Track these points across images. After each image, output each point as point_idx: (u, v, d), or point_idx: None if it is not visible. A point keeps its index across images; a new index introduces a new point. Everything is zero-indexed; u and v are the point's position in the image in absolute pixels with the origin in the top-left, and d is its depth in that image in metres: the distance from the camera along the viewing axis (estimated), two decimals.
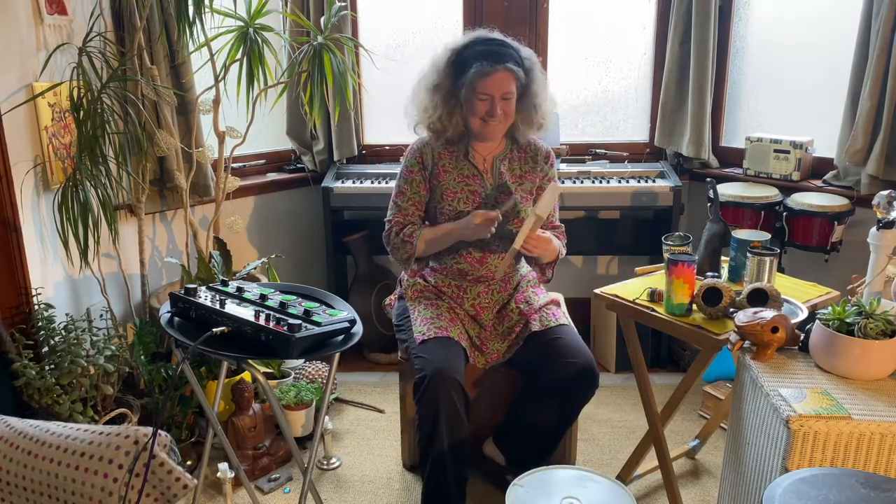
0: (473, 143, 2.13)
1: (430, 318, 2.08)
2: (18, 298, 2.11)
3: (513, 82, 2.00)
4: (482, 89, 1.98)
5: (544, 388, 2.04)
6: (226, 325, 1.59)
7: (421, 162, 2.13)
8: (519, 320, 2.12)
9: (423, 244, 2.11)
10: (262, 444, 2.43)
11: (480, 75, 1.97)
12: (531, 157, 2.17)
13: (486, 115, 2.01)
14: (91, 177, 2.20)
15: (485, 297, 2.16)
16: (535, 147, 2.19)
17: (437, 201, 2.13)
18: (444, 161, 2.13)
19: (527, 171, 2.16)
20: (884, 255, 1.87)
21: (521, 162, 2.16)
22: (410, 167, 2.15)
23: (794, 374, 1.51)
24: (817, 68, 2.90)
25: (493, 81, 1.97)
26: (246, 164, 3.21)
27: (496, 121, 2.02)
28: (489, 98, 1.99)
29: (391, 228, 2.16)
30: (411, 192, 2.15)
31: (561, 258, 2.20)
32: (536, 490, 1.71)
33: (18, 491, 1.45)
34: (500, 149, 2.16)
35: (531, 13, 3.17)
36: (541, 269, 2.22)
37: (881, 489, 1.13)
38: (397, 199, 2.17)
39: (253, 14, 2.44)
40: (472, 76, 1.98)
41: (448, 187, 2.11)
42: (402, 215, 2.16)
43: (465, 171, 2.12)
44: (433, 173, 2.13)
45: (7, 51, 2.08)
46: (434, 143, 2.14)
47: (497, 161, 2.14)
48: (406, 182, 2.15)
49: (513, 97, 2.02)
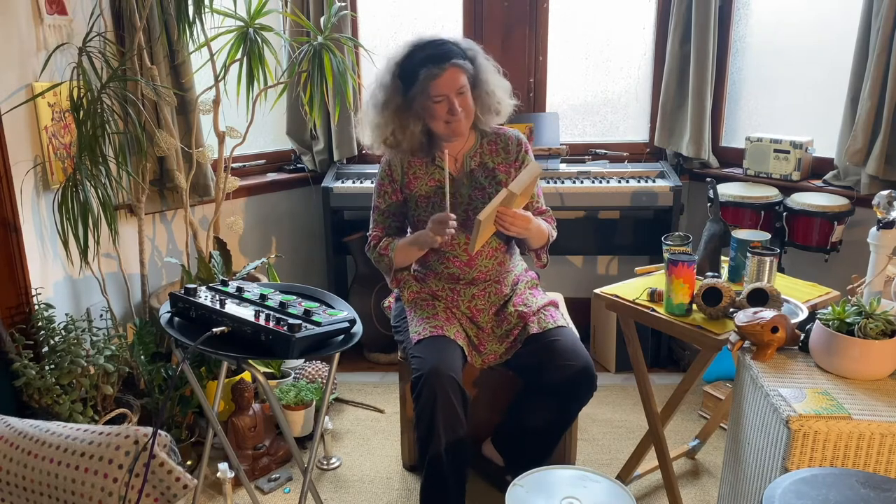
0: (442, 147, 2.11)
1: (426, 318, 2.08)
2: (18, 298, 2.11)
3: (463, 76, 1.99)
4: (436, 91, 1.97)
5: (542, 389, 2.03)
6: (226, 325, 1.59)
7: (390, 175, 2.15)
8: (517, 323, 2.11)
9: (397, 255, 2.12)
10: (262, 444, 2.43)
11: (430, 78, 1.96)
12: (502, 147, 2.15)
13: (449, 115, 2.00)
14: (91, 177, 2.20)
15: (480, 300, 2.15)
16: (504, 137, 2.16)
17: (413, 210, 2.14)
18: (415, 169, 2.13)
19: (499, 162, 2.14)
20: (884, 255, 1.87)
21: (493, 154, 2.14)
22: (381, 180, 2.16)
23: (794, 374, 1.51)
24: (817, 68, 2.90)
25: (444, 81, 1.97)
26: (246, 164, 3.21)
27: (458, 118, 2.00)
28: (445, 98, 1.98)
29: (370, 242, 2.20)
30: (385, 205, 2.17)
31: (552, 240, 2.19)
32: (536, 490, 1.71)
33: (18, 491, 1.45)
34: (469, 145, 2.14)
35: (531, 13, 3.17)
36: (535, 255, 2.21)
37: (881, 489, 1.13)
38: (374, 214, 2.20)
39: (253, 14, 2.44)
40: (422, 82, 1.97)
41: (420, 194, 2.12)
42: (379, 228, 2.19)
43: (437, 176, 2.12)
44: (403, 183, 2.14)
45: (7, 51, 2.08)
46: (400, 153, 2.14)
47: (467, 158, 2.13)
48: (379, 196, 2.18)
49: (467, 91, 2.01)
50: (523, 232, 1.99)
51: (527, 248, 2.20)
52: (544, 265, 2.23)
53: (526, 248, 2.19)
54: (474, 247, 1.94)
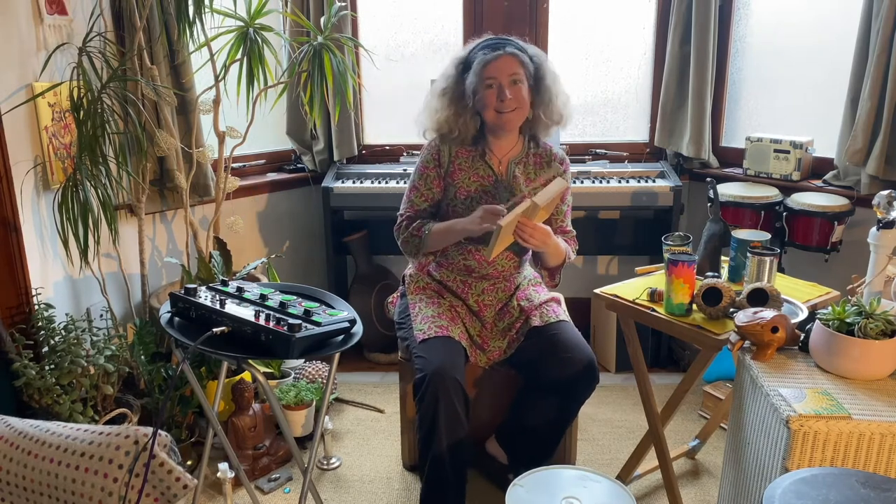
0: (491, 145, 2.13)
1: (432, 317, 2.08)
2: (18, 298, 2.11)
3: (518, 66, 2.01)
4: (487, 74, 2.00)
5: (545, 384, 2.04)
6: (226, 325, 1.59)
7: (437, 159, 2.13)
8: (519, 316, 2.12)
9: (432, 238, 2.10)
10: (262, 444, 2.43)
11: (484, 63, 2.00)
12: (546, 161, 2.17)
13: (498, 102, 2.00)
14: (91, 177, 2.20)
15: (489, 295, 2.16)
16: (549, 153, 2.19)
17: (451, 199, 2.13)
18: (461, 160, 2.13)
19: (540, 174, 2.16)
20: (884, 255, 1.87)
21: (536, 167, 2.16)
22: (426, 163, 2.14)
23: (794, 374, 1.51)
24: (817, 68, 2.90)
25: (496, 65, 1.99)
26: (246, 164, 3.21)
27: (508, 108, 2.01)
28: (496, 83, 2.00)
29: (401, 222, 2.17)
30: (425, 188, 2.15)
31: (569, 262, 2.19)
32: (537, 490, 1.71)
33: (18, 491, 1.45)
34: (516, 151, 2.15)
35: (531, 13, 3.17)
36: (549, 274, 2.20)
37: (881, 489, 1.13)
38: (410, 195, 2.17)
39: (253, 14, 2.44)
40: (476, 66, 2.01)
41: (462, 186, 2.11)
42: (412, 209, 2.16)
43: (481, 172, 2.12)
44: (448, 171, 2.13)
45: (7, 51, 2.08)
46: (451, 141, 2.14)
47: (512, 164, 2.14)
48: (420, 178, 2.15)
49: (522, 83, 2.02)
50: (541, 245, 1.99)
51: (542, 265, 2.19)
52: (556, 285, 2.24)
53: (542, 264, 2.18)
54: (491, 252, 1.94)
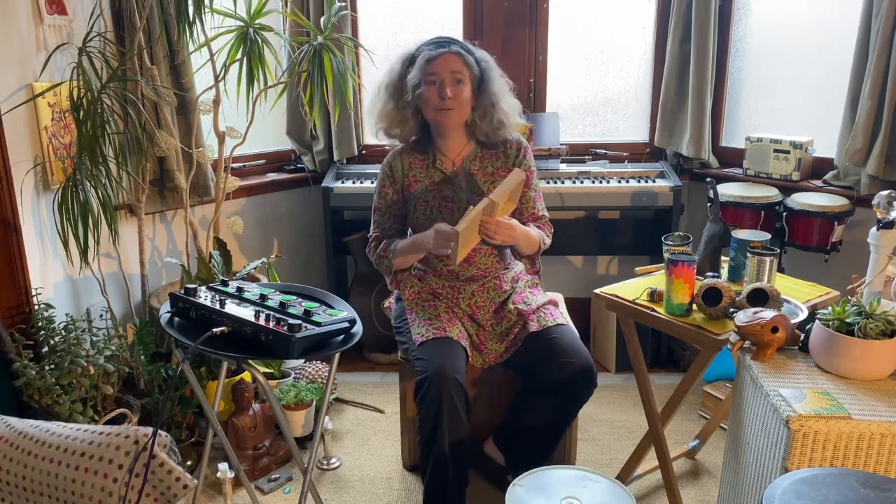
0: (440, 147, 2.13)
1: (429, 319, 2.08)
2: (18, 298, 2.11)
3: (461, 65, 2.01)
4: (430, 70, 2.00)
5: (543, 388, 2.03)
6: (226, 325, 1.59)
7: (391, 176, 2.16)
8: (517, 321, 2.11)
9: (398, 256, 2.13)
10: (262, 444, 2.43)
11: (427, 58, 2.01)
12: (502, 151, 2.15)
13: (438, 100, 2.00)
14: (91, 177, 2.20)
15: (480, 296, 2.16)
16: (504, 142, 2.16)
17: (412, 212, 2.15)
18: (415, 171, 2.14)
19: (499, 167, 2.14)
20: (884, 255, 1.87)
21: (493, 159, 2.15)
22: (382, 182, 2.18)
23: (794, 374, 1.51)
24: (817, 68, 2.90)
25: (439, 62, 2.00)
26: (246, 164, 3.21)
27: (447, 105, 2.00)
28: (438, 80, 2.00)
29: (370, 244, 2.21)
30: (385, 206, 2.18)
31: (544, 247, 2.19)
32: (536, 490, 1.71)
33: (18, 491, 1.45)
34: (468, 149, 2.15)
35: (531, 13, 3.17)
36: (530, 261, 2.23)
37: (881, 489, 1.12)
38: (374, 215, 2.21)
39: (253, 14, 2.44)
40: (419, 61, 2.02)
41: (420, 197, 2.12)
42: (379, 230, 2.20)
43: (436, 178, 2.12)
44: (404, 185, 2.15)
45: (7, 51, 2.08)
46: (403, 154, 2.15)
47: (467, 162, 2.13)
48: (380, 197, 2.19)
49: (465, 82, 2.02)
50: (507, 240, 2.00)
51: (519, 255, 2.21)
52: (536, 271, 2.26)
53: (517, 254, 2.21)
54: (456, 257, 1.93)
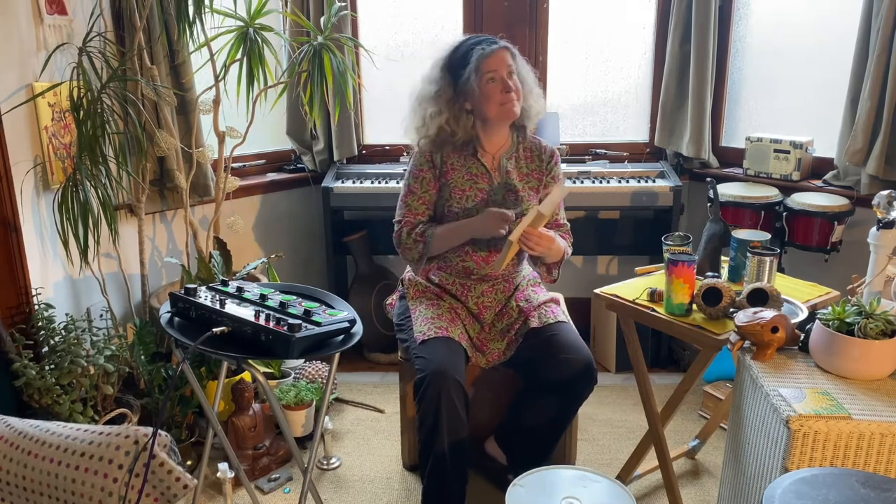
0: (482, 142, 2.13)
1: (431, 318, 2.08)
2: (18, 298, 2.11)
3: (512, 59, 2.05)
4: (488, 68, 2.01)
5: (543, 385, 2.04)
6: (226, 325, 1.59)
7: (431, 161, 2.13)
8: (518, 317, 2.12)
9: (436, 241, 2.09)
10: (262, 444, 2.43)
11: (483, 57, 2.01)
12: (536, 155, 2.19)
13: (503, 94, 2.02)
14: (91, 177, 2.20)
15: (488, 296, 2.16)
16: (539, 146, 2.20)
17: (446, 199, 2.13)
18: (453, 160, 2.13)
19: (532, 169, 2.17)
20: (884, 255, 1.87)
21: (527, 161, 2.17)
22: (420, 166, 2.14)
23: (794, 374, 1.51)
24: (817, 68, 2.90)
25: (496, 59, 2.01)
26: (246, 164, 3.21)
27: (512, 98, 2.03)
28: (497, 76, 2.01)
29: (402, 229, 2.13)
30: (422, 190, 2.13)
31: (567, 258, 2.19)
32: (536, 490, 1.71)
33: (18, 491, 1.45)
34: (506, 146, 2.16)
35: (531, 13, 3.16)
36: (546, 269, 2.21)
37: (881, 489, 1.13)
38: (407, 199, 2.15)
39: (253, 14, 2.44)
40: (475, 62, 2.01)
41: (456, 185, 2.11)
42: (412, 214, 2.14)
43: (474, 170, 2.12)
44: (442, 171, 2.13)
45: (7, 51, 2.08)
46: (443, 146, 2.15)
47: (504, 159, 2.15)
48: (416, 181, 2.14)
49: (516, 75, 2.05)
50: (546, 252, 2.02)
51: (541, 263, 2.20)
52: (554, 280, 2.24)
53: (540, 261, 2.19)
54: (500, 266, 1.96)
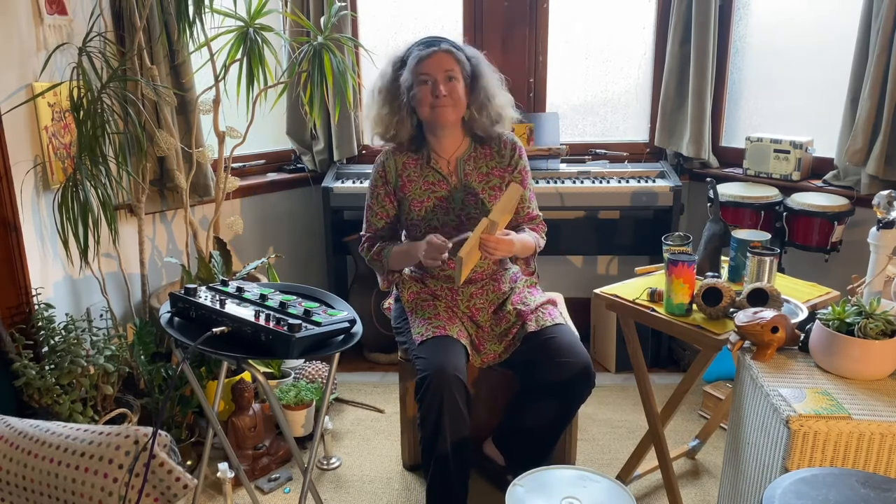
0: (434, 148, 2.12)
1: (428, 319, 2.08)
2: (18, 298, 2.11)
3: (453, 63, 2.01)
4: (422, 70, 2.00)
5: (541, 387, 2.03)
6: (226, 325, 1.59)
7: (384, 177, 2.15)
8: (516, 322, 2.11)
9: (392, 261, 2.14)
10: (262, 444, 2.43)
11: (418, 59, 2.01)
12: (496, 151, 2.15)
13: (432, 98, 2.00)
14: (91, 177, 2.20)
15: (479, 298, 2.16)
16: (499, 140, 2.15)
17: (406, 212, 2.14)
18: (409, 171, 2.13)
19: (493, 167, 2.14)
20: (884, 255, 1.87)
21: (487, 159, 2.14)
22: (375, 182, 2.17)
23: (794, 374, 1.51)
24: (817, 68, 2.90)
25: (431, 61, 2.00)
26: (246, 164, 3.21)
27: (442, 103, 2.00)
28: (430, 79, 2.00)
29: (363, 244, 2.21)
30: (377, 206, 2.17)
31: (539, 249, 2.20)
32: (536, 490, 1.71)
33: (18, 491, 1.45)
34: (462, 149, 2.14)
35: (531, 13, 3.17)
36: (524, 262, 2.24)
37: (881, 489, 1.13)
38: (367, 214, 2.21)
39: (253, 14, 2.44)
40: (411, 62, 2.02)
41: (414, 197, 2.12)
42: (371, 229, 2.20)
43: (430, 178, 2.12)
44: (397, 186, 2.14)
45: (7, 51, 2.08)
46: (396, 154, 2.15)
47: (461, 162, 2.13)
48: (372, 197, 2.18)
49: (458, 79, 2.02)
50: (507, 254, 2.02)
51: (515, 258, 2.22)
52: (532, 273, 2.26)
53: (514, 257, 2.21)
54: (459, 281, 1.93)
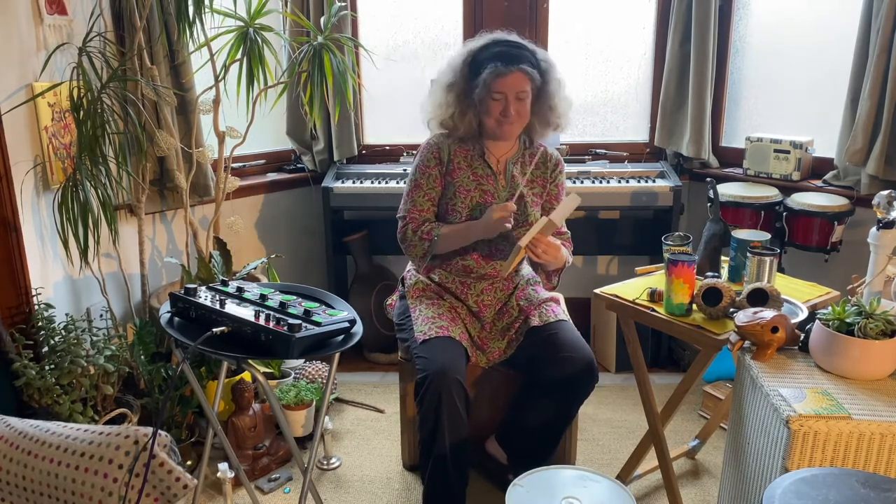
0: (488, 144, 2.14)
1: (432, 318, 2.08)
2: (18, 298, 2.11)
3: (527, 83, 2.02)
4: (497, 89, 2.00)
5: (544, 384, 2.04)
6: (226, 325, 1.59)
7: (438, 157, 2.13)
8: (518, 316, 2.12)
9: (443, 241, 2.09)
10: (262, 444, 2.43)
11: (495, 76, 2.00)
12: (542, 162, 2.19)
13: (501, 116, 2.03)
14: (91, 177, 2.20)
15: (488, 295, 2.16)
16: (545, 154, 2.21)
17: (450, 198, 2.12)
18: (459, 159, 2.13)
19: (537, 175, 2.18)
20: (884, 255, 1.87)
21: (532, 167, 2.18)
22: (427, 162, 2.13)
23: (794, 374, 1.51)
24: (817, 68, 2.90)
25: (507, 82, 2.00)
26: (246, 164, 3.21)
27: (510, 121, 2.03)
28: (503, 98, 2.01)
29: (406, 225, 2.13)
30: (427, 186, 2.13)
31: (567, 266, 2.20)
32: (536, 490, 1.71)
33: (18, 491, 1.45)
34: (512, 151, 2.17)
35: (531, 13, 3.17)
36: (547, 276, 2.23)
37: (881, 489, 1.13)
38: (413, 194, 2.14)
39: (253, 14, 2.44)
40: (486, 76, 2.01)
41: (462, 185, 2.12)
42: (417, 211, 2.13)
43: (479, 171, 2.13)
44: (448, 169, 2.13)
45: (7, 51, 2.08)
46: (449, 139, 2.15)
47: (510, 164, 2.15)
48: (423, 176, 2.13)
49: (527, 97, 2.04)
50: (552, 261, 2.03)
51: (540, 270, 2.22)
52: (554, 287, 2.26)
53: (541, 269, 2.21)
54: (507, 269, 1.96)
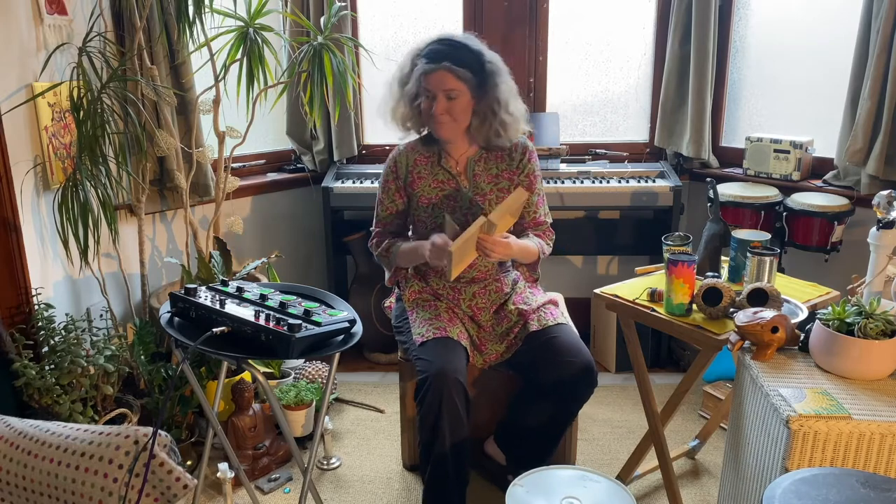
0: (446, 147, 2.13)
1: (429, 319, 2.08)
2: (18, 298, 2.11)
3: (454, 81, 1.98)
4: (424, 84, 2.01)
5: (543, 387, 2.03)
6: (226, 325, 1.59)
7: (395, 172, 2.16)
8: (517, 321, 2.12)
9: (399, 258, 2.15)
10: (262, 444, 2.43)
11: (420, 72, 2.00)
12: (507, 155, 2.14)
13: (430, 113, 2.02)
14: (91, 177, 2.20)
15: (481, 298, 2.16)
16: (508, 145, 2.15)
17: (414, 208, 2.16)
18: (420, 168, 2.14)
19: (503, 169, 2.14)
20: (884, 255, 1.87)
21: (497, 161, 2.14)
22: (386, 177, 2.18)
23: (794, 374, 1.51)
24: (817, 68, 2.90)
25: (431, 78, 1.99)
26: (246, 164, 3.21)
27: (439, 120, 2.01)
28: (431, 94, 2.00)
29: (372, 240, 2.23)
30: (388, 201, 2.19)
31: (543, 257, 2.19)
32: (536, 490, 1.71)
33: (18, 491, 1.45)
34: (473, 150, 2.14)
35: (531, 13, 3.17)
36: (528, 268, 2.25)
37: (881, 489, 1.13)
38: (377, 209, 2.23)
39: (253, 14, 2.44)
40: (415, 74, 2.02)
41: (423, 194, 2.13)
42: (381, 225, 2.22)
43: (440, 177, 2.13)
44: (407, 182, 2.15)
45: (7, 51, 2.08)
46: (408, 151, 2.15)
47: (471, 162, 2.13)
48: (383, 192, 2.20)
49: (460, 97, 1.99)
50: (504, 257, 2.02)
51: (518, 264, 2.24)
52: (535, 279, 2.26)
53: (517, 263, 2.23)
54: (451, 275, 1.92)
